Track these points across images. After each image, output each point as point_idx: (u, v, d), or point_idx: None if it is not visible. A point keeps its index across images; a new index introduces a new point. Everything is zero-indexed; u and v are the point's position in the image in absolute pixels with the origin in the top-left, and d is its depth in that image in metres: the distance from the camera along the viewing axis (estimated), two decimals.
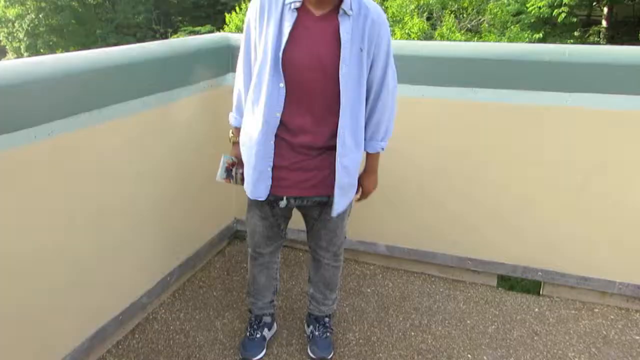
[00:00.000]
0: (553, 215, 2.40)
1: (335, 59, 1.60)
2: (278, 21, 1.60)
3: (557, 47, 2.28)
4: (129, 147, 2.10)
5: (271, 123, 1.67)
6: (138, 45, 2.24)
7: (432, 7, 11.96)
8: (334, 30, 1.59)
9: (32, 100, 1.64)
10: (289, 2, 1.59)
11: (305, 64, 1.61)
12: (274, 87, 1.63)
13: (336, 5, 1.59)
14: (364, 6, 1.61)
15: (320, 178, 1.77)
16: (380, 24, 1.64)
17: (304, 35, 1.60)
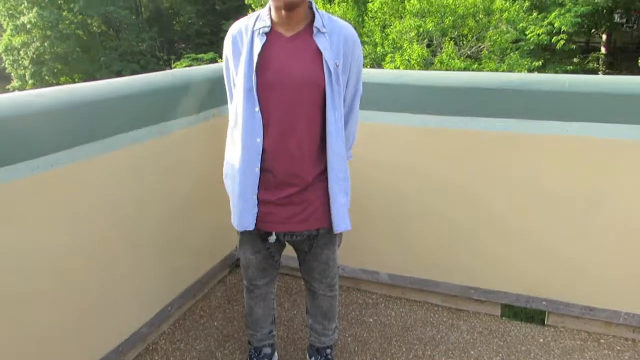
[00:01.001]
0: (556, 244, 2.38)
1: (315, 76, 1.61)
2: (249, 48, 1.62)
3: (557, 77, 2.29)
4: (131, 177, 2.11)
5: (252, 149, 1.66)
6: (141, 77, 2.27)
7: (432, 34, 12.10)
8: (311, 49, 1.61)
9: (34, 132, 1.65)
10: (258, 28, 1.62)
11: (284, 85, 1.61)
12: (249, 112, 1.63)
13: (307, 24, 1.63)
14: (335, 24, 1.65)
15: (311, 212, 1.75)
16: (354, 40, 1.67)
17: (276, 58, 1.61)
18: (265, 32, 1.62)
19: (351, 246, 2.65)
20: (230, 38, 1.70)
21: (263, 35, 1.62)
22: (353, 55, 1.67)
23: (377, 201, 2.61)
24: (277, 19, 1.62)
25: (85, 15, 26.32)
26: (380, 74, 2.60)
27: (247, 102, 1.63)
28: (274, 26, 1.63)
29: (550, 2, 13.01)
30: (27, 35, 25.51)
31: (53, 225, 1.76)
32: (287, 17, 1.60)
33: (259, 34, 1.62)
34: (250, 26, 1.65)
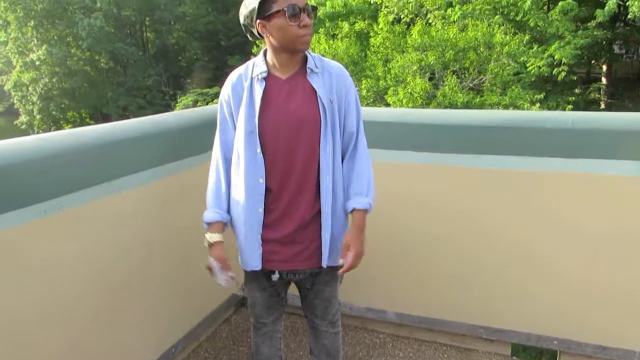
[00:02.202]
0: (565, 282, 2.35)
1: (313, 114, 1.67)
2: (249, 93, 1.69)
3: (561, 114, 2.31)
4: (138, 217, 2.11)
5: (255, 190, 1.70)
6: (148, 118, 2.30)
7: (433, 68, 12.25)
8: (306, 88, 1.68)
9: (43, 176, 1.67)
10: (256, 74, 1.69)
11: (283, 125, 1.67)
12: (251, 154, 1.68)
13: (301, 66, 1.70)
14: (326, 64, 1.74)
15: (312, 249, 1.77)
16: (345, 77, 1.75)
17: (275, 100, 1.68)
18: (263, 77, 1.69)
19: (357, 284, 2.63)
20: (230, 85, 1.75)
21: (262, 81, 1.69)
22: (346, 88, 1.75)
23: (383, 238, 2.60)
24: (273, 63, 1.70)
25: (93, 52, 26.84)
26: (384, 112, 2.63)
27: (248, 145, 1.68)
28: (270, 70, 1.71)
29: (550, 35, 13.18)
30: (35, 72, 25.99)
31: (60, 267, 1.76)
32: (288, 60, 1.68)
33: (258, 80, 1.69)
34: (248, 73, 1.72)
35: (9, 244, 1.58)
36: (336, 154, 1.74)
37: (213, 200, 1.80)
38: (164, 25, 29.00)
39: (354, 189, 1.77)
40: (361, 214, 1.77)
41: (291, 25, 1.58)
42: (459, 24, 12.85)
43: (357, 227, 1.77)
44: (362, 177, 1.78)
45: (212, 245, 1.78)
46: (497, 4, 12.92)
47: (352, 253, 1.75)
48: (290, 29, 1.59)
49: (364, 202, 1.76)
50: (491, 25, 12.46)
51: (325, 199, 1.73)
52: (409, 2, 13.57)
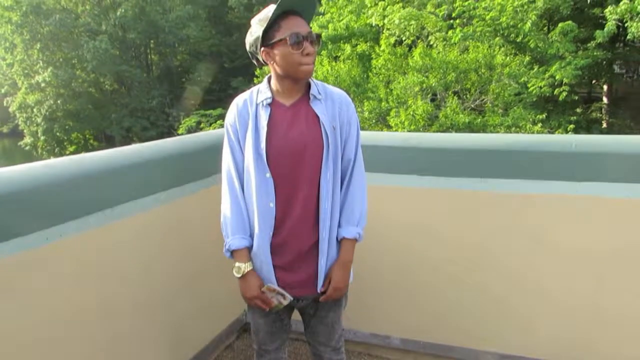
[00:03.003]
0: (572, 307, 2.32)
1: (316, 139, 1.69)
2: (255, 119, 1.70)
3: (564, 137, 2.31)
4: (140, 243, 2.11)
5: (267, 214, 1.69)
6: (150, 144, 2.30)
7: (435, 89, 12.32)
8: (309, 114, 1.70)
9: (45, 203, 1.67)
10: (261, 100, 1.71)
11: (287, 151, 1.68)
12: (261, 178, 1.68)
13: (304, 93, 1.72)
14: (329, 90, 1.76)
15: (314, 276, 1.76)
16: (348, 104, 1.76)
17: (280, 125, 1.69)
18: (268, 103, 1.71)
19: (361, 309, 2.61)
20: (236, 109, 1.76)
21: (267, 107, 1.71)
22: (348, 115, 1.75)
23: (387, 263, 2.59)
24: (277, 89, 1.72)
25: (97, 74, 27.12)
26: (387, 136, 2.63)
27: (257, 169, 1.68)
28: (274, 96, 1.73)
29: (550, 55, 13.28)
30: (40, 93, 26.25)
31: (60, 294, 1.75)
32: (291, 87, 1.70)
33: (263, 106, 1.71)
34: (253, 98, 1.74)
35: (11, 271, 1.58)
36: (336, 180, 1.75)
37: (236, 226, 1.74)
38: (168, 47, 29.33)
39: (345, 217, 1.77)
40: (349, 244, 1.78)
41: (294, 53, 1.60)
42: (460, 45, 12.98)
43: (343, 260, 1.77)
44: (354, 207, 1.77)
45: (246, 274, 1.73)
46: (497, 26, 13.06)
47: (331, 286, 1.76)
48: (293, 56, 1.61)
49: (353, 231, 1.76)
50: (492, 46, 12.57)
51: (324, 224, 1.72)
52: (410, 25, 13.71)
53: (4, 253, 1.55)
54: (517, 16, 12.84)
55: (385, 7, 14.74)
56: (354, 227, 1.77)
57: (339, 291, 1.79)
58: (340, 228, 1.77)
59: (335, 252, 1.78)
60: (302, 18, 1.64)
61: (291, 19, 1.62)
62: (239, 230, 1.73)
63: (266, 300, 1.74)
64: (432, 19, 13.88)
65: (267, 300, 1.74)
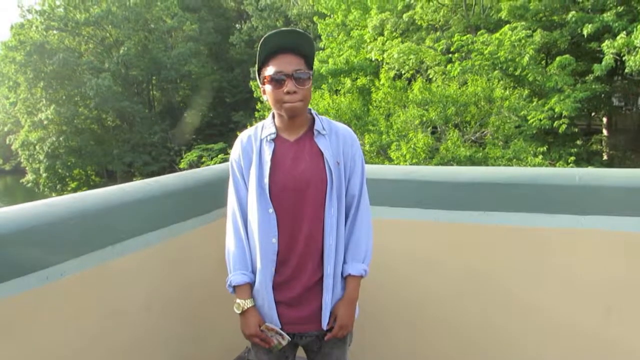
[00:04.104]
0: (579, 343, 2.27)
1: (320, 175, 1.68)
2: (259, 154, 1.71)
3: (568, 171, 2.30)
4: (141, 279, 2.08)
5: (269, 249, 1.68)
6: (152, 180, 2.30)
7: (435, 122, 12.42)
8: (313, 150, 1.70)
9: (46, 242, 1.66)
10: (265, 135, 1.72)
11: (290, 186, 1.67)
12: (263, 214, 1.67)
13: (308, 128, 1.73)
14: (333, 126, 1.76)
15: (318, 312, 1.73)
16: (353, 140, 1.77)
17: (284, 161, 1.69)
18: (272, 138, 1.71)
19: (367, 346, 2.56)
20: (240, 145, 1.77)
21: (271, 142, 1.71)
22: (353, 150, 1.76)
23: (393, 298, 2.54)
24: (280, 125, 1.73)
25: (100, 110, 27.43)
26: (390, 169, 2.64)
27: (260, 204, 1.67)
28: (278, 132, 1.73)
29: (549, 88, 13.43)
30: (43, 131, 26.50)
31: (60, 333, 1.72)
32: (289, 123, 1.71)
33: (267, 141, 1.72)
34: (258, 134, 1.75)
35: (11, 311, 1.55)
36: (340, 216, 1.73)
37: (238, 262, 1.73)
38: (170, 83, 29.78)
39: (350, 254, 1.76)
40: (355, 282, 1.76)
41: (276, 91, 1.63)
42: (459, 79, 13.14)
43: (349, 298, 1.76)
44: (360, 243, 1.77)
45: (246, 311, 1.70)
46: (495, 60, 13.26)
47: (337, 324, 1.74)
48: (276, 94, 1.64)
49: (360, 268, 1.74)
50: (490, 80, 12.73)
51: (328, 260, 1.71)
52: (409, 59, 13.95)
53: (3, 293, 1.52)
54: (515, 50, 13.06)
55: (384, 42, 15.05)
56: (359, 264, 1.75)
57: (344, 329, 1.76)
58: (345, 264, 1.76)
59: (340, 289, 1.76)
60: (295, 54, 1.65)
61: (280, 57, 1.64)
62: (241, 266, 1.72)
63: (266, 339, 1.71)
64: (430, 53, 14.14)
65: (267, 339, 1.71)
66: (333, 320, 1.74)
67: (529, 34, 13.40)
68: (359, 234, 1.77)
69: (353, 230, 1.77)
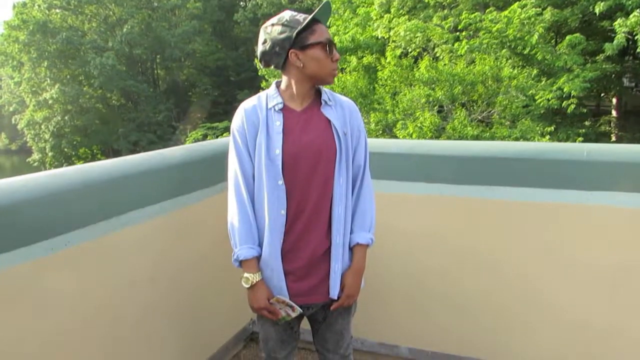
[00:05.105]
0: (583, 317, 2.27)
1: (330, 144, 1.68)
2: (267, 124, 1.67)
3: (576, 146, 2.26)
4: (145, 251, 2.08)
5: (277, 222, 1.66)
6: (155, 153, 2.28)
7: (441, 101, 12.31)
8: (321, 119, 1.70)
9: (51, 212, 1.65)
10: (272, 105, 1.68)
11: (300, 156, 1.65)
12: (273, 185, 1.65)
13: (314, 99, 1.73)
14: (337, 98, 1.77)
15: (325, 282, 1.74)
16: (356, 111, 1.78)
17: (292, 131, 1.67)
18: (279, 108, 1.68)
19: (369, 318, 2.57)
20: (244, 114, 1.71)
21: (279, 112, 1.68)
22: (357, 122, 1.77)
23: (396, 271, 2.55)
24: (288, 95, 1.70)
25: (104, 90, 27.38)
26: (395, 143, 2.61)
27: (269, 175, 1.65)
28: (285, 102, 1.70)
29: (558, 68, 13.23)
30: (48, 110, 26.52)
31: (65, 303, 1.72)
32: (307, 91, 1.70)
33: (275, 111, 1.68)
34: (263, 104, 1.70)
35: (15, 281, 1.55)
36: (348, 186, 1.73)
37: (245, 235, 1.69)
38: (174, 62, 29.62)
39: (357, 223, 1.76)
40: (363, 251, 1.77)
41: (327, 58, 1.64)
42: (467, 57, 12.97)
43: (357, 268, 1.76)
44: (366, 213, 1.77)
45: (255, 285, 1.68)
46: (504, 38, 13.04)
47: (344, 293, 1.75)
48: (327, 61, 1.64)
49: (367, 237, 1.75)
50: (498, 58, 12.55)
51: (337, 229, 1.70)
52: (416, 37, 13.75)
53: (8, 263, 1.52)
54: (524, 28, 12.83)
55: (391, 20, 14.81)
56: (366, 233, 1.76)
57: (351, 298, 1.77)
58: (352, 234, 1.76)
59: (348, 258, 1.76)
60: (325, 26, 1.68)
61: (321, 25, 1.66)
62: (248, 240, 1.69)
63: (274, 312, 1.71)
64: (438, 31, 13.93)
65: (275, 311, 1.70)
66: (340, 289, 1.75)
67: (539, 11, 13.13)
68: (365, 203, 1.77)
69: (359, 200, 1.77)
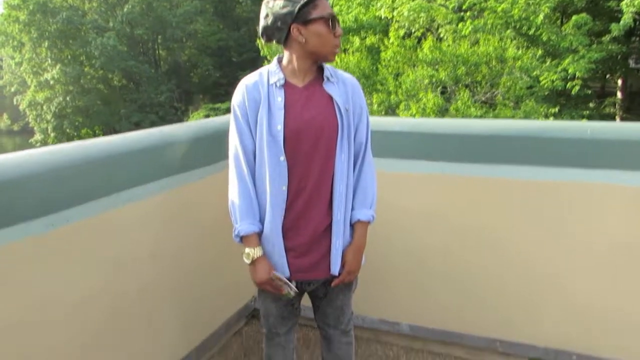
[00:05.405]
0: (586, 294, 2.28)
1: (331, 120, 1.67)
2: (268, 100, 1.66)
3: (579, 124, 2.25)
4: (147, 228, 2.09)
5: (279, 198, 1.67)
6: (156, 129, 2.28)
7: (445, 82, 12.22)
8: (323, 95, 1.69)
9: (50, 188, 1.65)
10: (274, 81, 1.67)
11: (302, 132, 1.65)
12: (274, 161, 1.65)
13: (316, 75, 1.71)
14: (339, 74, 1.76)
15: (326, 258, 1.74)
16: (359, 88, 1.77)
17: (294, 107, 1.66)
18: (281, 84, 1.67)
19: (370, 296, 2.58)
20: (245, 90, 1.70)
21: (281, 88, 1.67)
22: (359, 98, 1.76)
23: (397, 249, 2.55)
24: (289, 70, 1.69)
25: (106, 70, 27.23)
26: (398, 122, 2.60)
27: (270, 151, 1.64)
28: (287, 78, 1.70)
29: (563, 49, 13.08)
30: (50, 91, 26.42)
31: (66, 280, 1.73)
32: (309, 67, 1.69)
33: (277, 87, 1.67)
34: (264, 80, 1.69)
35: (15, 257, 1.55)
36: (350, 162, 1.73)
37: (245, 211, 1.69)
38: (176, 42, 29.39)
39: (358, 200, 1.76)
40: (364, 228, 1.78)
41: (329, 33, 1.62)
42: (471, 38, 12.83)
43: (357, 244, 1.77)
44: (367, 190, 1.77)
45: (256, 260, 1.69)
46: (509, 19, 12.87)
47: (345, 269, 1.76)
48: (329, 37, 1.63)
49: (368, 214, 1.76)
50: (503, 39, 12.42)
51: (339, 206, 1.70)
52: (419, 17, 13.57)
53: (8, 238, 1.52)
54: (530, 9, 12.64)
55: None
56: (367, 210, 1.76)
57: (352, 274, 1.79)
58: (353, 211, 1.76)
59: (349, 235, 1.77)
60: None
61: (323, 1, 1.63)
62: (248, 216, 1.69)
63: (277, 286, 1.72)
64: (442, 11, 13.73)
65: (278, 287, 1.71)
66: (341, 265, 1.76)
67: None
68: (366, 180, 1.77)
69: (360, 177, 1.77)
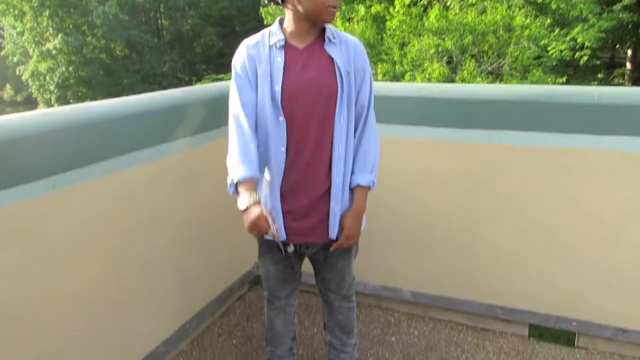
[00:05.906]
0: (587, 262, 2.28)
1: (330, 82, 1.65)
2: (269, 61, 1.64)
3: (586, 89, 2.21)
4: (147, 192, 2.09)
5: (278, 159, 1.66)
6: (157, 93, 2.26)
7: (451, 52, 12.04)
8: (323, 57, 1.66)
9: (52, 149, 1.65)
10: (274, 42, 1.66)
11: (300, 93, 1.63)
12: (274, 122, 1.64)
13: (318, 36, 1.68)
14: (343, 36, 1.71)
15: (325, 222, 1.74)
16: (362, 51, 1.73)
17: (294, 68, 1.65)
18: (281, 45, 1.66)
19: (372, 262, 2.59)
20: (246, 50, 1.69)
21: (281, 49, 1.66)
22: (363, 60, 1.72)
23: (399, 216, 2.55)
24: (291, 31, 1.67)
25: (108, 40, 26.93)
26: (402, 87, 2.57)
27: (270, 112, 1.64)
28: (287, 39, 1.67)
29: (572, 18, 12.81)
30: (52, 61, 26.17)
31: (68, 242, 1.74)
32: (308, 29, 1.66)
33: (277, 48, 1.66)
34: (265, 41, 1.68)
35: (16, 218, 1.56)
36: (350, 126, 1.71)
37: (242, 156, 1.62)
38: (178, 11, 28.95)
39: (359, 165, 1.74)
40: (363, 192, 1.76)
41: None
42: (478, 6, 12.58)
43: (357, 209, 1.76)
44: (368, 155, 1.75)
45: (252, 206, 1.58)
46: None
47: (344, 234, 1.75)
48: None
49: (368, 179, 1.74)
50: (511, 7, 12.17)
51: (337, 169, 1.69)
52: None
53: (8, 199, 1.52)
54: None
55: None
56: (368, 175, 1.74)
57: (351, 239, 1.78)
58: (353, 175, 1.75)
59: (347, 199, 1.76)
60: None
61: None
62: (245, 160, 1.62)
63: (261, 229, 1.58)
64: None
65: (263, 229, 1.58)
66: (340, 230, 1.75)
67: None
68: (368, 145, 1.75)
69: (361, 141, 1.75)
